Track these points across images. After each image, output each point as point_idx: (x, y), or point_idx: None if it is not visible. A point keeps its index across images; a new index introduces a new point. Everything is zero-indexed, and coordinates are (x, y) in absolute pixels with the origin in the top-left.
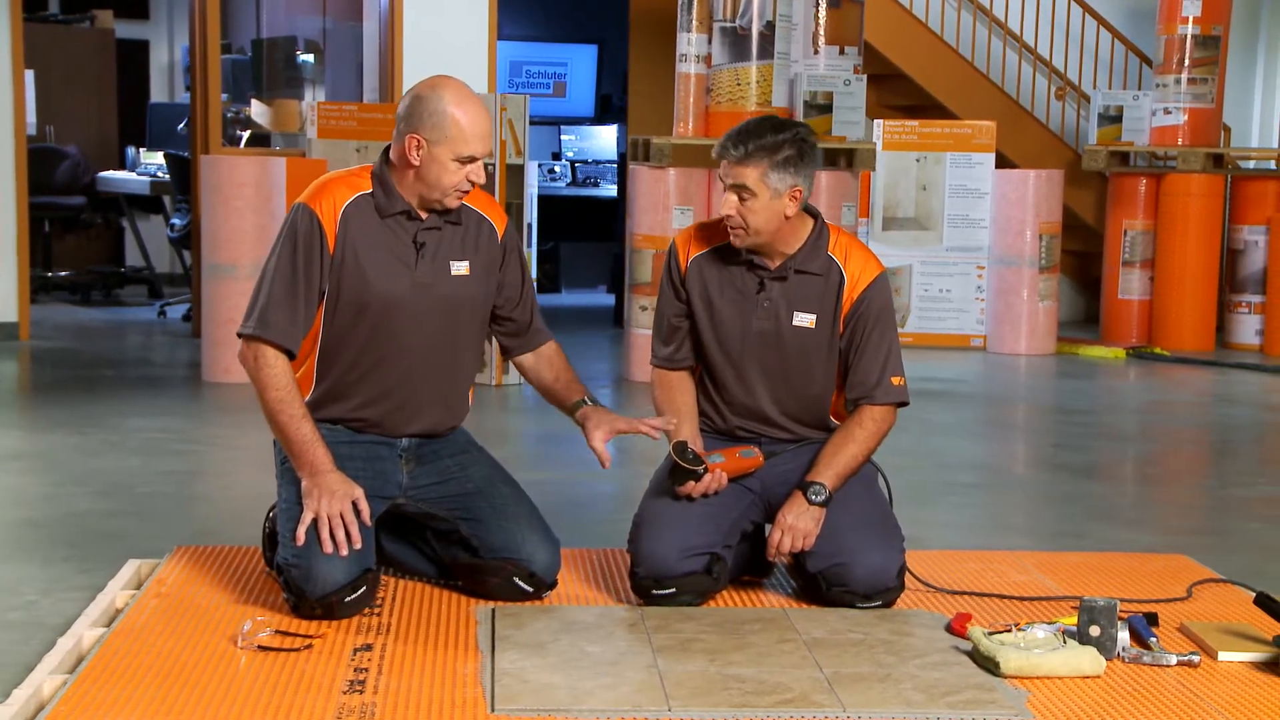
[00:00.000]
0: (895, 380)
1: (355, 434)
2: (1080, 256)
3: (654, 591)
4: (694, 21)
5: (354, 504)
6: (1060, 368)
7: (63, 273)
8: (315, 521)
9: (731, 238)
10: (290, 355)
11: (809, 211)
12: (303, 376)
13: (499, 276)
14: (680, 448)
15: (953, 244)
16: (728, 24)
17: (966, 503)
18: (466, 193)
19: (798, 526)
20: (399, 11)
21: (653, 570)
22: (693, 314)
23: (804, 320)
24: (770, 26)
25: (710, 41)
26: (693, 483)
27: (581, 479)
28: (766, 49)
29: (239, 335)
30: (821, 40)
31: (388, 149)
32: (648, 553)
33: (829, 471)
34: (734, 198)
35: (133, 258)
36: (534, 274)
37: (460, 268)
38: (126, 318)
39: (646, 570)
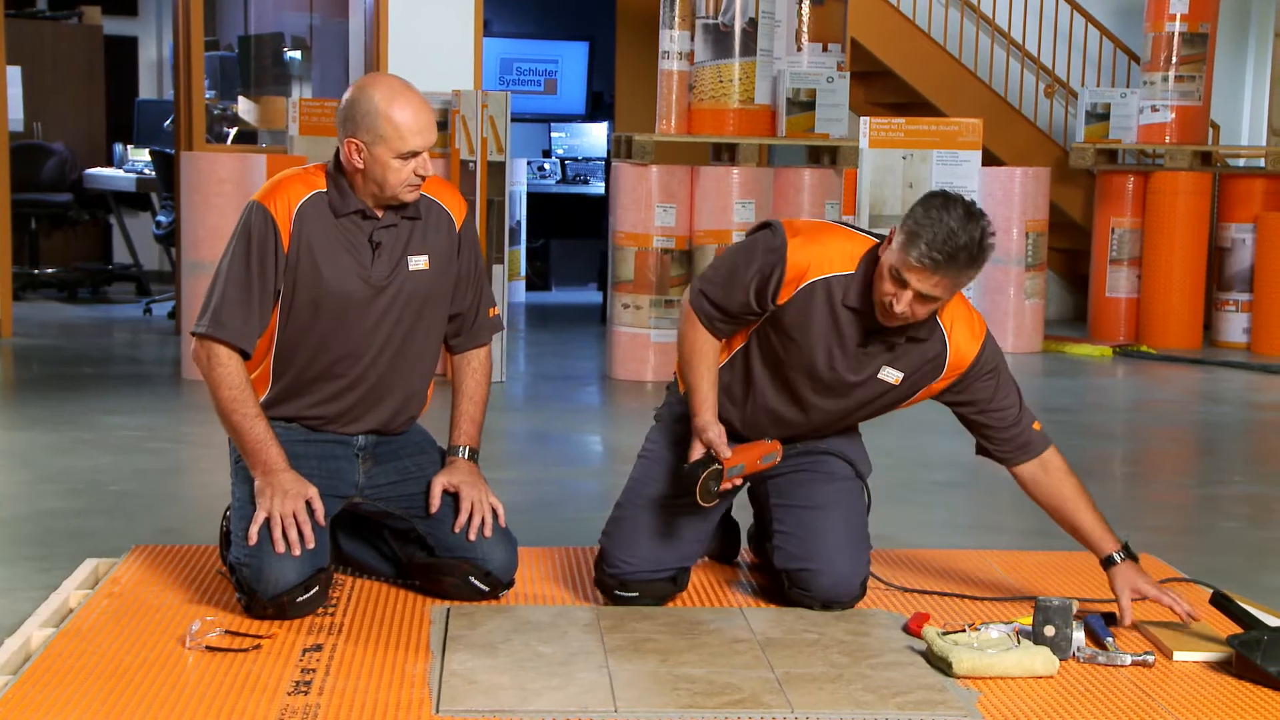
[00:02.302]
0: (1036, 426)
1: (311, 432)
2: (1069, 254)
3: (617, 592)
4: (676, 18)
5: (308, 503)
6: (1046, 366)
7: (49, 270)
8: (268, 520)
9: (883, 319)
10: (244, 355)
11: None
12: (260, 375)
13: (457, 265)
14: (715, 477)
15: None
16: (710, 21)
17: (942, 501)
18: (418, 186)
19: (1148, 590)
20: (384, 8)
21: (620, 574)
22: (775, 329)
23: (889, 376)
24: (753, 23)
25: (693, 38)
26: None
27: (561, 478)
28: (749, 46)
29: (192, 334)
30: (805, 37)
31: (338, 150)
32: (618, 559)
33: (1107, 535)
34: (915, 301)
35: (120, 255)
36: (524, 271)
37: (419, 262)
38: (112, 315)
39: (615, 574)
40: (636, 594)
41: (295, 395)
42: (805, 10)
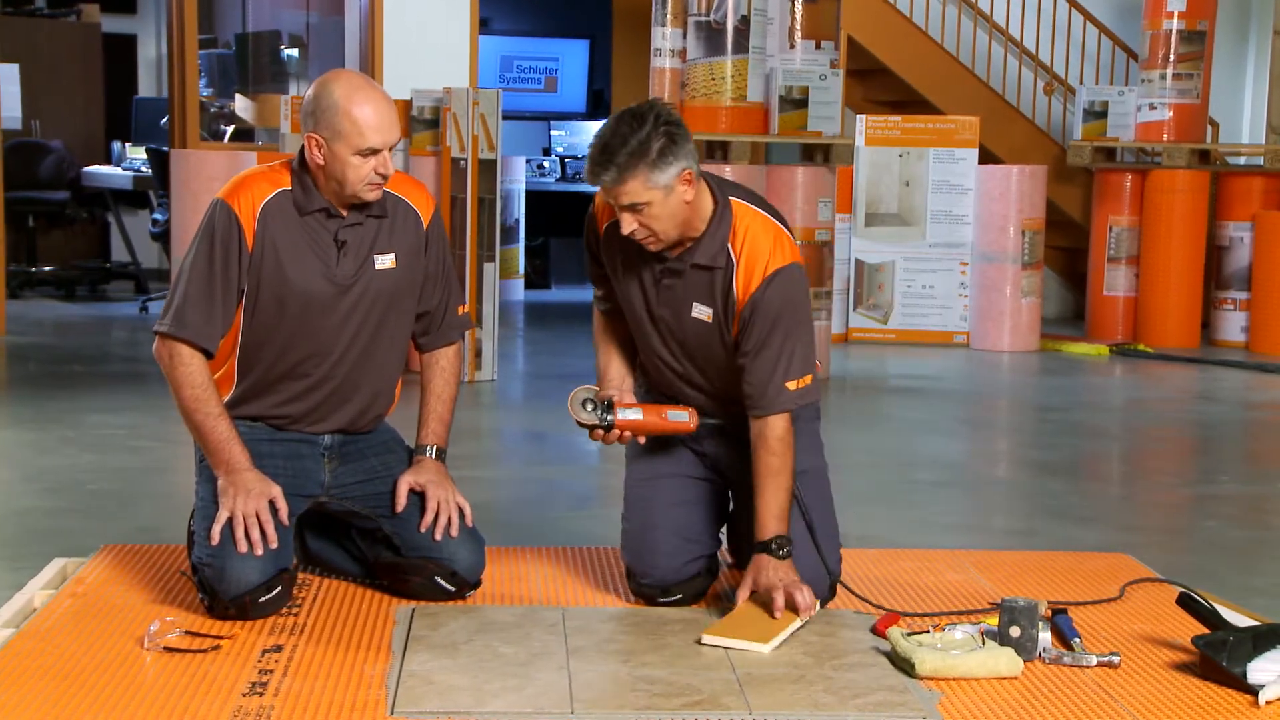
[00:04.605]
0: (790, 385)
1: (276, 431)
2: (1067, 252)
3: (660, 599)
4: (669, 16)
5: (271, 503)
6: (1043, 365)
7: (47, 268)
8: (231, 520)
9: (650, 246)
10: (207, 354)
11: (711, 187)
12: (224, 374)
13: (424, 263)
14: (580, 399)
15: (936, 240)
16: (702, 18)
17: (924, 500)
18: (380, 184)
19: (786, 583)
20: (379, 6)
21: (660, 580)
22: (609, 280)
23: (701, 313)
24: (745, 21)
25: (685, 36)
26: (601, 431)
27: (545, 476)
28: (741, 43)
29: (154, 332)
30: (798, 34)
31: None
32: (651, 565)
33: (773, 521)
34: (630, 216)
35: (119, 253)
36: (522, 269)
37: (385, 261)
38: (109, 313)
39: (651, 582)
40: (679, 596)
41: (260, 394)
42: (798, 8)
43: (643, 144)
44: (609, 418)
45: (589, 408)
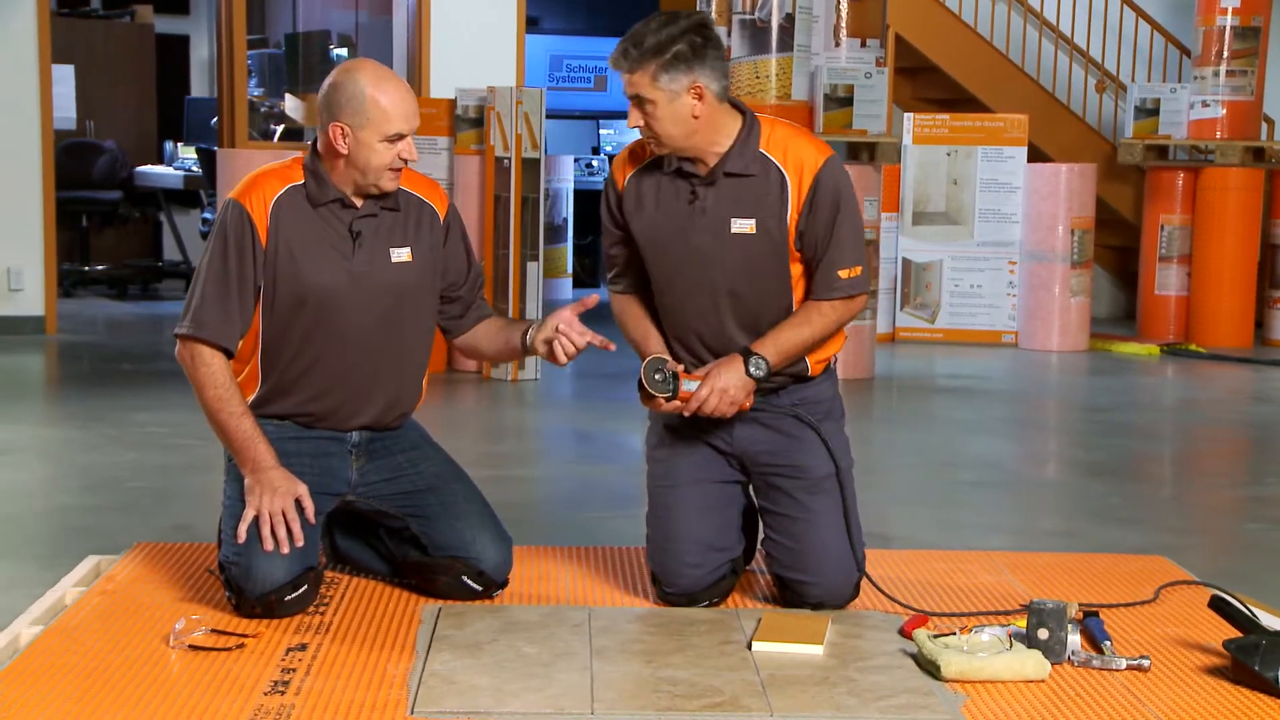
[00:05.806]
0: (842, 274)
1: (303, 430)
2: (1119, 251)
3: (686, 606)
4: (713, 14)
5: (298, 501)
6: (1092, 365)
7: (100, 267)
8: (257, 519)
9: (653, 147)
10: (227, 354)
11: (738, 108)
12: (249, 374)
13: (443, 258)
14: (654, 365)
15: (984, 239)
16: (747, 16)
17: (967, 501)
18: (400, 171)
19: (729, 392)
20: (426, 5)
21: (686, 590)
22: (634, 237)
23: (742, 226)
24: (790, 19)
25: (729, 34)
26: (663, 400)
27: (583, 475)
28: (786, 41)
29: (174, 334)
30: (843, 33)
31: (316, 140)
32: (677, 575)
33: (773, 347)
34: (635, 110)
35: (171, 252)
36: (570, 268)
37: (401, 254)
38: (159, 312)
39: (680, 590)
40: (706, 601)
41: (284, 393)
42: (843, 5)
43: (662, 44)
44: (674, 387)
45: (658, 377)
